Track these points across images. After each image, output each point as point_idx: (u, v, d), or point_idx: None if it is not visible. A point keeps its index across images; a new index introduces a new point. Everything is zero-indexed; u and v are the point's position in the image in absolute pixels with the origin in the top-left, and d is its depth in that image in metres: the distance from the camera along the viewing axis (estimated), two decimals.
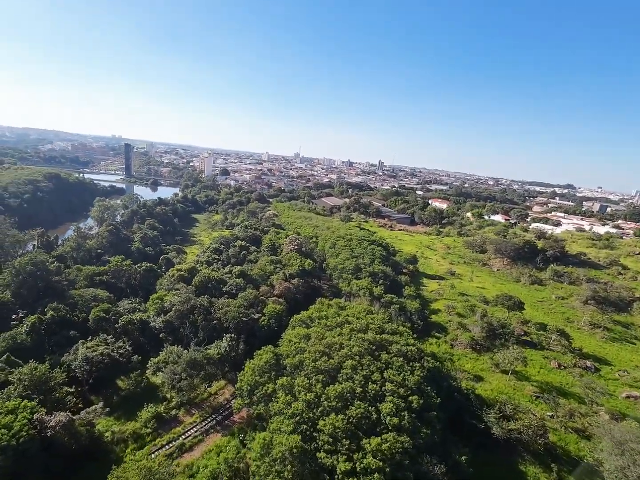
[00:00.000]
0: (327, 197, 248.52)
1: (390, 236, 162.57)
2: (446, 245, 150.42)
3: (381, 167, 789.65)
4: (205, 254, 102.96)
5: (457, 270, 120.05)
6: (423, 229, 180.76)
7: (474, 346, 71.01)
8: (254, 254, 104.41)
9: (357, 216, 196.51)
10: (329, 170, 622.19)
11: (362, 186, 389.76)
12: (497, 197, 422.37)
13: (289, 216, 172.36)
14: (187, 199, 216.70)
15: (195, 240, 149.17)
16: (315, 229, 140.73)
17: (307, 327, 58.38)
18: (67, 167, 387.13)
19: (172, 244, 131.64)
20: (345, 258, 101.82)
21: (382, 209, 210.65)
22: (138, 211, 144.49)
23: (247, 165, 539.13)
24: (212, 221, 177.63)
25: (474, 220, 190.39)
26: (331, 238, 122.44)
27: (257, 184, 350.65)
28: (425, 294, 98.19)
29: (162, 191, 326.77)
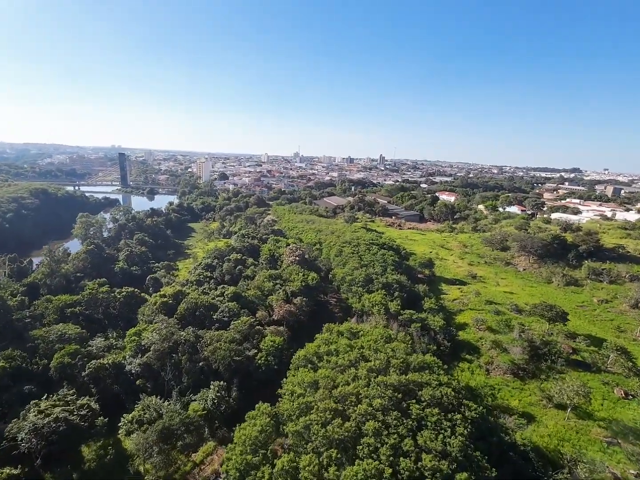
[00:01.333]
0: (329, 197, 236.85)
1: (399, 236, 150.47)
2: (462, 244, 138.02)
3: (382, 161, 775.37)
4: (196, 272, 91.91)
5: (478, 273, 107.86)
6: (434, 226, 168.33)
7: (516, 372, 59.13)
8: (251, 268, 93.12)
9: (363, 216, 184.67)
10: (330, 168, 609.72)
11: (364, 183, 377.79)
12: (505, 186, 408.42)
13: (290, 220, 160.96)
14: (182, 207, 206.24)
15: (190, 252, 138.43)
16: (319, 234, 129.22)
17: (313, 368, 46.95)
18: (62, 181, 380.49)
19: (164, 259, 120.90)
20: (353, 268, 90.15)
21: (389, 206, 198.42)
22: (126, 225, 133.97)
23: (246, 168, 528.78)
24: (209, 230, 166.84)
25: (488, 214, 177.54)
26: (336, 244, 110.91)
27: (256, 187, 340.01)
28: (447, 304, 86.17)
29: (159, 200, 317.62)
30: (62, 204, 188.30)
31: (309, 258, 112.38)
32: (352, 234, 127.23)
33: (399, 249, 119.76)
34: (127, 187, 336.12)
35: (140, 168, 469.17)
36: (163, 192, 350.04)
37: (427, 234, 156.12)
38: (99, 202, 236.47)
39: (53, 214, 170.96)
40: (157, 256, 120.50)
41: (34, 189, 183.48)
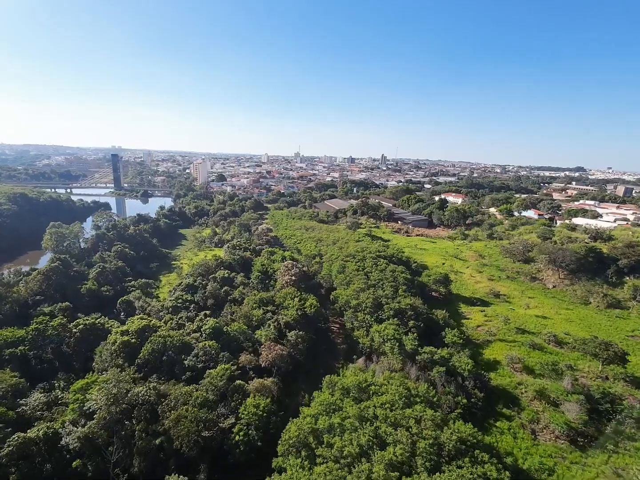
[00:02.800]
0: (330, 200, 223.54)
1: (408, 245, 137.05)
2: (477, 253, 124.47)
3: (384, 161, 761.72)
4: (174, 294, 78.68)
5: (501, 290, 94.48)
6: (445, 233, 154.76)
7: (572, 437, 45.78)
8: (240, 289, 79.82)
9: (366, 221, 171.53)
10: (331, 168, 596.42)
11: (367, 183, 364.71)
12: (512, 186, 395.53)
13: (287, 227, 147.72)
14: (174, 212, 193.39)
15: (177, 264, 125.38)
16: (319, 244, 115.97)
17: (308, 457, 33.74)
18: (56, 183, 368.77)
19: (146, 274, 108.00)
20: (359, 289, 76.78)
21: (394, 210, 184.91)
22: (105, 235, 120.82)
23: (245, 169, 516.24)
24: (200, 237, 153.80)
25: (502, 219, 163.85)
26: (339, 257, 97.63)
27: (255, 189, 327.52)
28: (470, 332, 72.72)
29: (153, 202, 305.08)
30: (44, 210, 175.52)
31: (308, 271, 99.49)
32: (356, 244, 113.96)
33: (409, 262, 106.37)
34: (120, 189, 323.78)
35: (136, 169, 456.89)
36: (159, 194, 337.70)
37: (438, 241, 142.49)
38: (88, 207, 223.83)
39: (33, 221, 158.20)
40: (138, 271, 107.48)
41: (13, 193, 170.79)
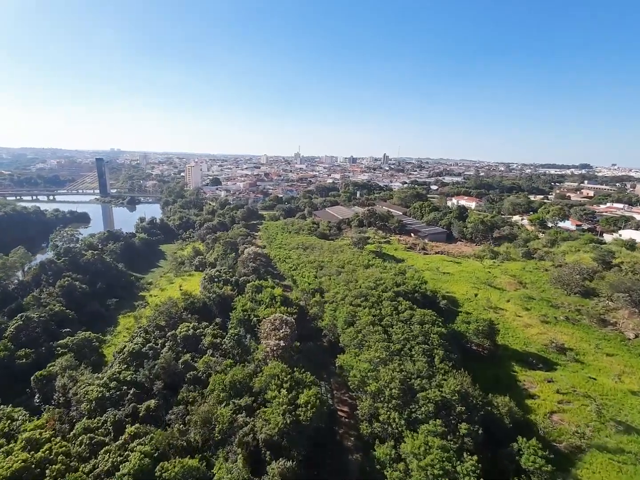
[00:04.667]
0: (332, 207, 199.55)
1: (427, 266, 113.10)
2: (516, 279, 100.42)
3: (387, 161, 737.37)
4: (109, 371, 54.70)
5: (564, 340, 70.58)
6: (468, 249, 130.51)
7: None
8: (206, 359, 55.86)
9: (375, 234, 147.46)
10: (332, 169, 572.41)
11: (370, 186, 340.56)
12: (523, 186, 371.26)
13: (282, 246, 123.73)
14: (154, 225, 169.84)
15: (146, 296, 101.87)
16: (320, 273, 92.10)
17: None
18: (40, 189, 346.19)
19: (98, 316, 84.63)
20: (377, 359, 52.85)
21: (406, 220, 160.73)
22: (53, 263, 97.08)
23: (243, 171, 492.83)
24: (180, 257, 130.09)
25: (534, 230, 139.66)
26: (346, 298, 73.62)
27: (251, 193, 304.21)
28: (542, 423, 48.79)
29: (141, 209, 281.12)
30: (4, 224, 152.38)
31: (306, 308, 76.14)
32: (366, 272, 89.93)
33: (436, 298, 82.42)
34: (106, 195, 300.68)
35: (127, 173, 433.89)
36: (149, 200, 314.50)
37: (463, 261, 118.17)
38: (63, 218, 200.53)
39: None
40: (88, 312, 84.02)
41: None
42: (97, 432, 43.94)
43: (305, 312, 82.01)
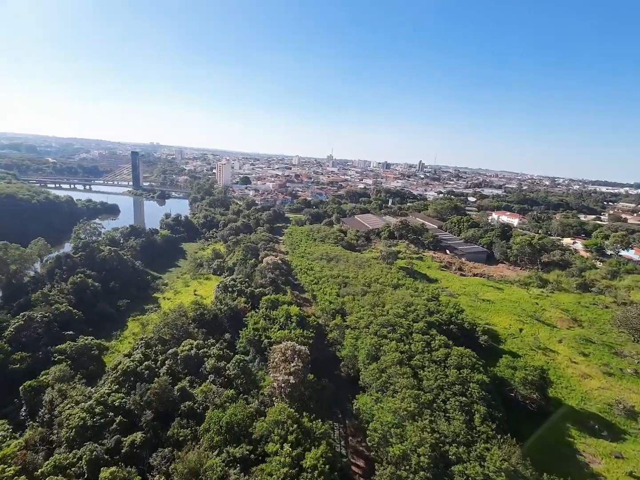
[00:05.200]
0: (362, 215, 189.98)
1: (464, 290, 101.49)
2: (569, 315, 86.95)
3: (422, 168, 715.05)
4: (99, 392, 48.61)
5: (635, 402, 57.82)
6: (511, 273, 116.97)
7: None
8: (205, 387, 48.62)
9: (406, 248, 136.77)
10: (364, 173, 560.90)
11: (403, 194, 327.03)
12: (571, 204, 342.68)
13: (305, 255, 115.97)
14: (179, 222, 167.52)
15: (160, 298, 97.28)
16: (343, 290, 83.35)
17: None
18: (79, 178, 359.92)
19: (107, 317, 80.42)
20: (405, 412, 43.43)
21: (441, 235, 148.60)
22: (69, 257, 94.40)
23: (274, 171, 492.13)
24: (199, 258, 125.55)
25: (591, 257, 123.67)
26: (372, 325, 64.44)
27: (279, 194, 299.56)
28: None
29: (171, 204, 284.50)
30: (36, 214, 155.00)
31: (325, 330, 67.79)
32: (395, 294, 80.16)
33: (475, 332, 71.46)
34: (139, 188, 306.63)
35: (162, 167, 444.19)
36: (179, 195, 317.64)
37: (506, 287, 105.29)
38: (94, 208, 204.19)
39: (15, 227, 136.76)
40: (97, 313, 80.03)
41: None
42: (69, 471, 37.64)
43: (323, 333, 73.95)
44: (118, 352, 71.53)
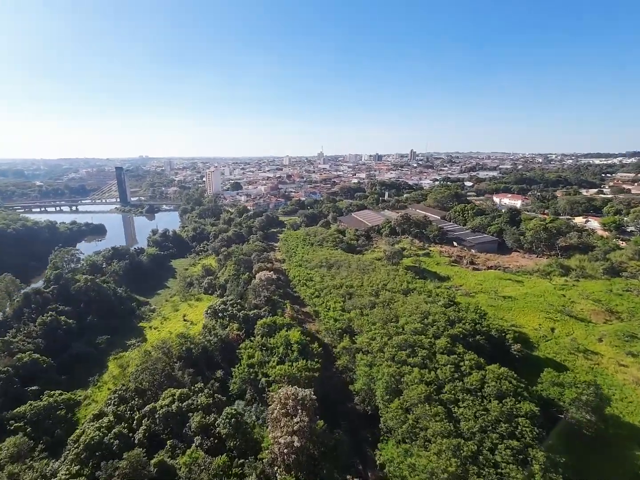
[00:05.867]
0: (359, 212, 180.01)
1: (480, 287, 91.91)
2: (603, 306, 77.46)
3: (414, 157, 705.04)
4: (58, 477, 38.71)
5: None
6: (529, 261, 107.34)
7: None
8: (189, 456, 38.86)
9: (410, 244, 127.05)
10: (357, 168, 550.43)
11: (398, 184, 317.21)
12: (570, 180, 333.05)
13: (303, 263, 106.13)
14: (167, 237, 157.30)
15: (145, 327, 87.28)
16: (348, 304, 73.51)
17: None
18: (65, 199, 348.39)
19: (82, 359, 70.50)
20: (443, 471, 33.96)
21: (446, 226, 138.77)
22: (39, 294, 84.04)
23: (265, 174, 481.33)
24: (189, 277, 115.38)
25: (610, 237, 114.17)
26: (387, 348, 54.58)
27: (272, 197, 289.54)
28: None
29: (161, 218, 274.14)
30: (11, 243, 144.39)
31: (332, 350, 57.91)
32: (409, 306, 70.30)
33: (505, 341, 61.81)
34: (127, 204, 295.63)
35: (150, 181, 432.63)
36: (169, 207, 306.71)
37: (525, 279, 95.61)
38: (78, 230, 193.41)
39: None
40: (70, 355, 70.02)
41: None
42: None
43: (331, 354, 64.41)
44: (95, 404, 61.82)
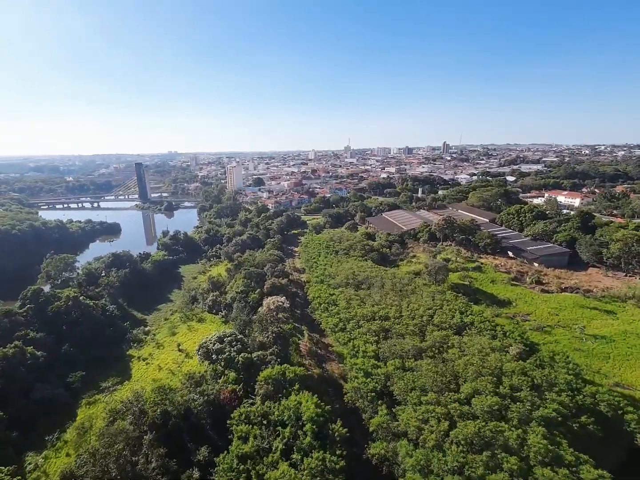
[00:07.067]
0: (391, 212, 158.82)
1: (558, 318, 69.90)
2: None
3: (447, 150, 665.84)
4: None
5: None
6: (614, 280, 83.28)
7: None
8: None
9: (456, 254, 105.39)
10: (385, 161, 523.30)
11: (432, 180, 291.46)
12: (632, 174, 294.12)
13: (325, 278, 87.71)
14: (177, 241, 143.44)
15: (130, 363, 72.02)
16: (384, 349, 54.39)
17: None
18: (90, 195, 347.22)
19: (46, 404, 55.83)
20: None
21: (499, 232, 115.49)
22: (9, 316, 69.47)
23: (289, 169, 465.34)
24: (194, 290, 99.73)
25: None
26: (453, 443, 35.45)
27: (295, 194, 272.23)
28: None
29: (180, 216, 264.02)
30: (16, 245, 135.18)
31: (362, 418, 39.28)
32: (471, 356, 50.38)
33: (623, 422, 40.79)
34: (146, 201, 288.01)
35: (173, 176, 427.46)
36: (190, 204, 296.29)
37: (617, 308, 72.29)
38: (91, 230, 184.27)
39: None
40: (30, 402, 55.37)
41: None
42: None
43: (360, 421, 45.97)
44: (47, 477, 46.72)
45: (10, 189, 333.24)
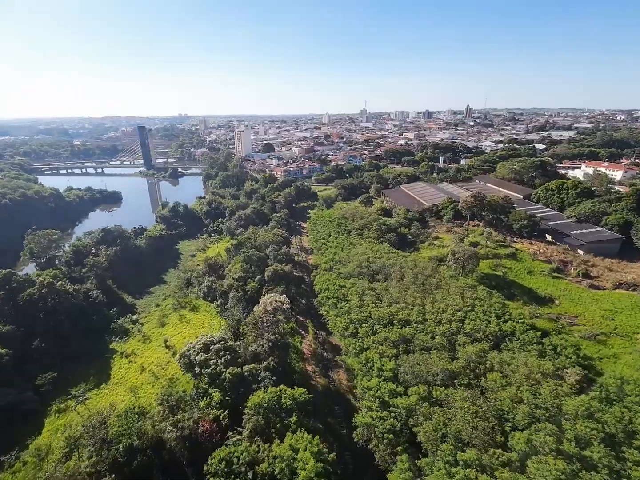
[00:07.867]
0: (410, 185, 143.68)
1: (614, 324, 57.68)
2: None
3: (470, 114, 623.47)
4: None
5: None
6: None
7: None
8: None
9: (486, 237, 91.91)
10: (403, 126, 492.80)
11: (455, 147, 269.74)
12: None
13: (335, 264, 76.33)
14: (176, 214, 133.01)
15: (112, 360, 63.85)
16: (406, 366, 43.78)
17: None
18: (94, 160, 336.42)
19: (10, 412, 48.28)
20: None
21: (536, 211, 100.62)
22: None
23: (301, 133, 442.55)
24: (190, 271, 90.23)
25: None
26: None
27: (306, 161, 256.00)
28: None
29: (185, 183, 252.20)
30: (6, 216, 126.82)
31: None
32: (516, 382, 39.30)
33: None
34: (150, 168, 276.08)
35: (181, 140, 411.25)
36: (197, 171, 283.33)
37: None
38: (90, 199, 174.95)
39: None
40: None
41: None
42: None
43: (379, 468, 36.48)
44: None
45: (16, 153, 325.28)
